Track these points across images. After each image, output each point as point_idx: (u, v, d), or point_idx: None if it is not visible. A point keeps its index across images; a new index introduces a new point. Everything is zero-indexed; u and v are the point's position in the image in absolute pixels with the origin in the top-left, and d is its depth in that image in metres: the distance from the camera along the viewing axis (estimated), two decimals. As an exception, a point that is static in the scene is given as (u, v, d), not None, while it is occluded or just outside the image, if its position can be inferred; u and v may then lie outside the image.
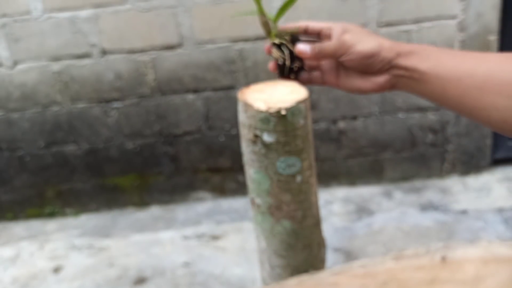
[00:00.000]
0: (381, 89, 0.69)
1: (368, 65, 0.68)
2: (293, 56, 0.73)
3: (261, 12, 0.77)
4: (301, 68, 0.76)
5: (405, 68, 0.65)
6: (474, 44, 1.96)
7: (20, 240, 2.07)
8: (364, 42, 0.67)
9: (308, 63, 0.77)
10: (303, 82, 0.77)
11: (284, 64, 0.74)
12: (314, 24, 0.74)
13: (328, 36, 0.71)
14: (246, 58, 1.97)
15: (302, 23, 0.76)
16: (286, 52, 0.73)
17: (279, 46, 0.74)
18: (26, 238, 2.08)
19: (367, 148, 2.13)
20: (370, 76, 0.69)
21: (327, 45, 0.69)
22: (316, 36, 0.75)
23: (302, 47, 0.72)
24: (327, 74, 0.76)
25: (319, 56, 0.70)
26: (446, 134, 2.11)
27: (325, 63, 0.76)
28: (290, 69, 0.75)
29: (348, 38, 0.68)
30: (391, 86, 0.69)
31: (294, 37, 0.74)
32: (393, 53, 0.66)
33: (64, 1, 1.89)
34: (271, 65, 0.77)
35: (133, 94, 2.03)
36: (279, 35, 0.75)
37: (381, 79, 0.68)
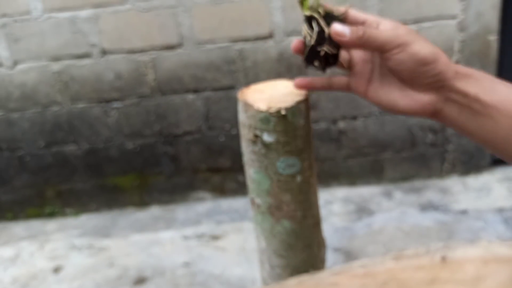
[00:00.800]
0: (421, 110, 0.55)
1: (418, 74, 0.53)
2: (324, 38, 0.57)
3: None
4: (331, 57, 0.58)
5: (464, 94, 0.52)
6: (474, 44, 1.96)
7: (20, 240, 2.07)
8: (422, 44, 0.53)
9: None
10: (322, 85, 0.62)
11: (311, 44, 0.57)
12: (356, 13, 0.59)
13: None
14: (246, 58, 1.97)
15: (342, 9, 0.60)
16: (316, 29, 0.57)
17: (310, 21, 0.58)
18: (26, 238, 2.08)
19: (367, 148, 2.13)
20: (412, 90, 0.55)
21: (378, 32, 0.53)
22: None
23: (340, 27, 0.55)
24: (357, 77, 0.59)
25: (362, 42, 0.54)
26: (446, 134, 2.11)
27: (358, 63, 0.60)
28: (316, 52, 0.57)
29: (404, 33, 0.53)
30: (434, 111, 0.55)
31: (331, 15, 0.58)
32: (451, 71, 0.53)
33: (64, 1, 1.89)
34: (294, 44, 0.59)
35: (133, 94, 2.03)
36: (313, 7, 0.58)
37: (425, 98, 0.54)
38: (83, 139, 2.10)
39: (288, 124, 0.66)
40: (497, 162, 2.18)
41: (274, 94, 0.70)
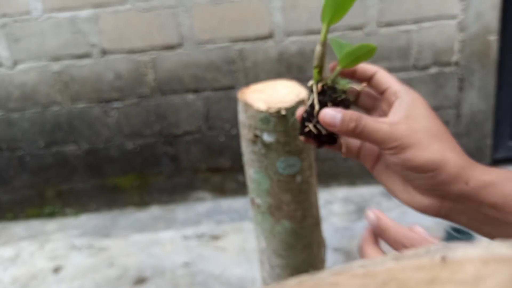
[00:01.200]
0: (423, 211, 0.49)
1: (412, 180, 0.47)
2: (312, 114, 0.50)
3: (324, 38, 0.53)
4: (324, 136, 0.51)
5: (478, 203, 0.44)
6: (474, 44, 1.96)
7: (20, 240, 2.07)
8: (424, 149, 0.45)
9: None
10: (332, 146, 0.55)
11: (306, 116, 0.50)
12: (381, 77, 0.51)
13: (388, 104, 0.50)
14: (246, 58, 1.97)
15: (356, 88, 0.52)
16: (308, 102, 0.50)
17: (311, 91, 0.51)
18: (26, 238, 2.08)
19: (367, 148, 2.13)
20: (413, 190, 0.48)
21: (373, 128, 0.46)
22: (371, 96, 0.54)
23: (329, 115, 0.47)
24: (366, 151, 0.53)
25: (355, 136, 0.47)
26: (446, 134, 2.10)
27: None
28: (305, 127, 0.51)
29: (404, 132, 0.45)
30: (438, 214, 0.48)
31: (337, 92, 0.51)
32: (460, 181, 0.44)
33: (64, 1, 1.89)
34: (298, 111, 0.52)
35: (133, 94, 2.03)
36: (324, 79, 0.51)
37: (426, 201, 0.47)
38: (83, 139, 2.10)
39: (288, 124, 0.66)
40: (497, 162, 2.18)
41: (274, 94, 0.70)
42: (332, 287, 0.14)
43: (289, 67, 1.97)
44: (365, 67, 0.52)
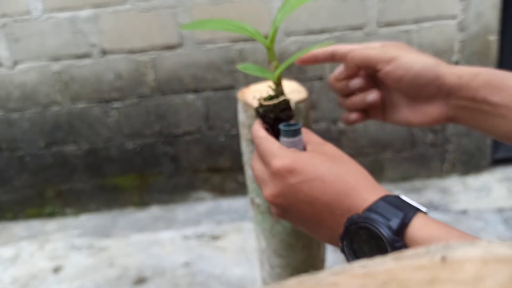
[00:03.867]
0: (434, 121, 0.55)
1: (418, 88, 0.53)
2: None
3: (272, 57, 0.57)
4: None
5: (471, 99, 0.50)
6: (474, 44, 1.96)
7: (20, 240, 2.07)
8: (414, 55, 0.54)
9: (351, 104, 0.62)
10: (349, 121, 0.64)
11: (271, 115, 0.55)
12: (341, 47, 0.60)
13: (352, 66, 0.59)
14: (246, 58, 1.97)
15: (334, 49, 0.61)
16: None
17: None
18: (26, 238, 2.08)
19: (367, 148, 2.13)
20: (420, 105, 0.55)
21: (364, 50, 0.55)
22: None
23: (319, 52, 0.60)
24: (371, 110, 0.62)
25: (355, 59, 0.56)
26: (446, 134, 2.11)
27: (370, 96, 0.60)
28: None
29: (392, 47, 0.55)
30: (448, 119, 0.55)
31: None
32: (452, 75, 0.51)
33: (64, 1, 1.89)
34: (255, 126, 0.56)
35: (133, 94, 2.03)
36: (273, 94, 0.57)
37: (434, 110, 0.54)
38: (83, 139, 2.10)
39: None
40: (497, 162, 2.18)
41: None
42: (332, 287, 0.14)
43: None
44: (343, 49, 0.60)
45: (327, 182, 0.44)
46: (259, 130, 0.53)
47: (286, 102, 0.54)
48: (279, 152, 0.47)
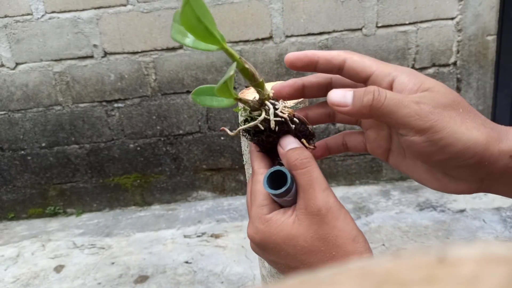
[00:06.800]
0: (457, 193, 0.40)
1: (450, 168, 0.38)
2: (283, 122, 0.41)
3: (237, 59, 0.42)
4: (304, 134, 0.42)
5: None
6: (472, 44, 1.97)
7: (22, 239, 2.08)
8: (459, 127, 0.35)
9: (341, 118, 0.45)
10: (337, 146, 0.47)
11: (266, 131, 0.41)
12: (356, 62, 0.39)
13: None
14: (246, 59, 1.98)
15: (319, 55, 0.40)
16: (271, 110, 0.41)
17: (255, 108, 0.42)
18: (28, 237, 2.09)
19: (366, 147, 2.14)
20: (444, 176, 0.40)
21: (394, 102, 0.35)
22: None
23: (338, 93, 0.37)
24: (372, 143, 0.44)
25: (373, 111, 0.36)
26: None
27: (370, 127, 0.43)
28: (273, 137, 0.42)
29: (433, 106, 0.35)
30: (478, 191, 0.40)
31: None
32: (504, 159, 0.36)
33: (65, 2, 1.90)
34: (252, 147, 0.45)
35: (135, 95, 2.04)
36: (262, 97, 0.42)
37: (462, 186, 0.39)
38: (85, 139, 2.11)
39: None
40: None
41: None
42: (332, 286, 0.14)
43: (288, 69, 1.98)
44: (328, 56, 0.40)
45: (299, 270, 0.38)
46: (252, 155, 0.44)
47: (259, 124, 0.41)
48: (254, 217, 0.40)
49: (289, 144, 0.40)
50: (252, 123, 0.41)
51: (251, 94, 0.74)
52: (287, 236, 0.38)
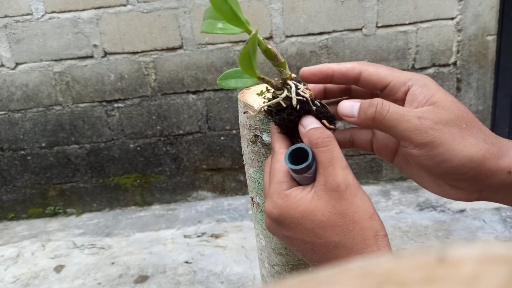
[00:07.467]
0: (461, 200, 0.42)
1: (449, 180, 0.40)
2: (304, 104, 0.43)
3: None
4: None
5: None
6: (472, 44, 1.97)
7: (22, 239, 2.08)
8: (458, 143, 0.37)
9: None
10: (344, 141, 0.48)
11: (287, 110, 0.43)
12: (372, 74, 0.41)
13: (395, 99, 0.41)
14: (246, 58, 1.98)
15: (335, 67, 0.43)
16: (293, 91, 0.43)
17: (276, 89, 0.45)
18: (28, 237, 2.09)
19: (366, 147, 2.14)
20: (445, 184, 0.41)
21: (402, 116, 0.37)
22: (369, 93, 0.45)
23: (347, 104, 0.41)
24: (379, 144, 0.45)
25: (376, 123, 0.39)
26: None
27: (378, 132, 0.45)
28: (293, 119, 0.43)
29: (435, 122, 0.37)
30: (480, 199, 0.42)
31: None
32: (502, 175, 0.38)
33: (65, 2, 1.90)
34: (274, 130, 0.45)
35: (135, 95, 2.04)
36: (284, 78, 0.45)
37: (462, 195, 0.41)
38: (85, 139, 2.11)
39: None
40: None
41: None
42: (331, 286, 0.14)
43: (288, 69, 1.98)
44: (343, 69, 0.42)
45: (316, 250, 0.39)
46: (273, 136, 0.44)
47: (278, 103, 0.43)
48: (272, 193, 0.40)
49: (311, 123, 0.42)
50: (274, 100, 0.43)
51: (251, 93, 0.74)
52: (305, 210, 0.39)
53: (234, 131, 2.09)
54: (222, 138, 2.10)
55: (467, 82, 2.03)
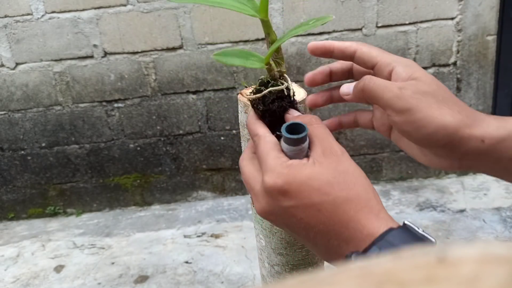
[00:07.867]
0: (445, 168, 0.47)
1: (428, 146, 0.44)
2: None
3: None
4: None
5: (497, 159, 0.43)
6: (472, 44, 1.97)
7: (22, 239, 2.08)
8: (433, 112, 0.42)
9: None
10: (349, 122, 0.55)
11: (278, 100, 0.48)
12: (365, 53, 0.48)
13: (382, 76, 0.46)
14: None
15: (336, 45, 0.49)
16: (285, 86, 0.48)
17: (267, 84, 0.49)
18: (28, 237, 2.09)
19: (366, 147, 2.14)
20: (430, 152, 0.46)
21: (384, 85, 0.43)
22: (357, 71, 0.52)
23: (345, 86, 0.49)
24: (378, 120, 0.51)
25: (365, 94, 0.45)
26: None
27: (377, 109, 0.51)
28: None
29: (413, 91, 0.42)
30: (461, 169, 0.46)
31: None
32: (475, 143, 0.42)
33: (65, 2, 1.90)
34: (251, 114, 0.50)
35: (135, 95, 2.04)
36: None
37: (445, 162, 0.45)
38: (85, 139, 2.11)
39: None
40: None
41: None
42: (331, 286, 0.14)
43: (288, 68, 1.98)
44: (342, 46, 0.49)
45: (323, 211, 0.39)
46: (256, 124, 0.47)
47: (278, 90, 0.46)
48: (273, 166, 0.42)
49: (297, 113, 0.48)
50: (279, 87, 0.47)
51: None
52: (310, 172, 0.41)
53: (234, 131, 2.09)
54: (222, 138, 2.11)
55: (467, 82, 2.03)
